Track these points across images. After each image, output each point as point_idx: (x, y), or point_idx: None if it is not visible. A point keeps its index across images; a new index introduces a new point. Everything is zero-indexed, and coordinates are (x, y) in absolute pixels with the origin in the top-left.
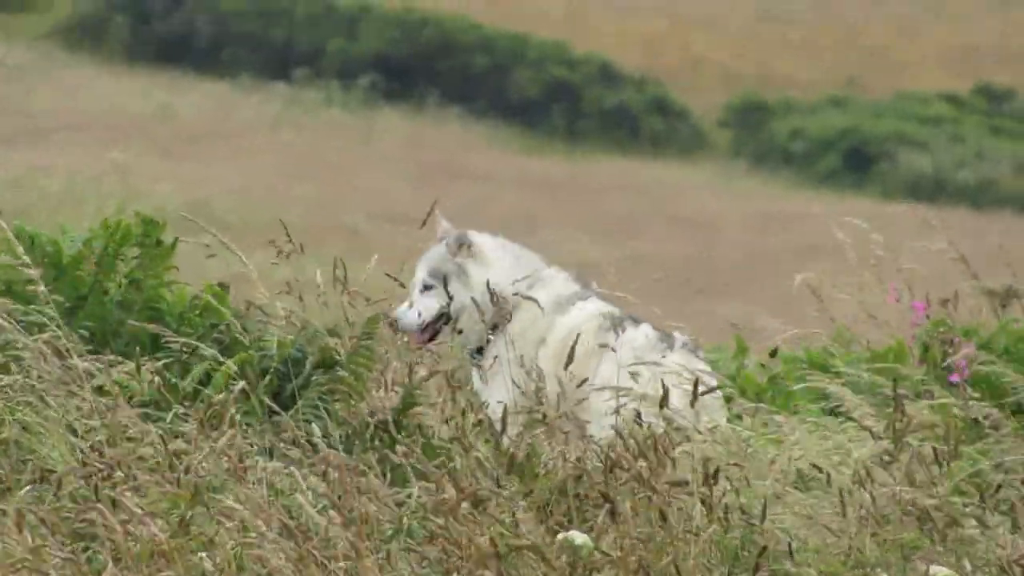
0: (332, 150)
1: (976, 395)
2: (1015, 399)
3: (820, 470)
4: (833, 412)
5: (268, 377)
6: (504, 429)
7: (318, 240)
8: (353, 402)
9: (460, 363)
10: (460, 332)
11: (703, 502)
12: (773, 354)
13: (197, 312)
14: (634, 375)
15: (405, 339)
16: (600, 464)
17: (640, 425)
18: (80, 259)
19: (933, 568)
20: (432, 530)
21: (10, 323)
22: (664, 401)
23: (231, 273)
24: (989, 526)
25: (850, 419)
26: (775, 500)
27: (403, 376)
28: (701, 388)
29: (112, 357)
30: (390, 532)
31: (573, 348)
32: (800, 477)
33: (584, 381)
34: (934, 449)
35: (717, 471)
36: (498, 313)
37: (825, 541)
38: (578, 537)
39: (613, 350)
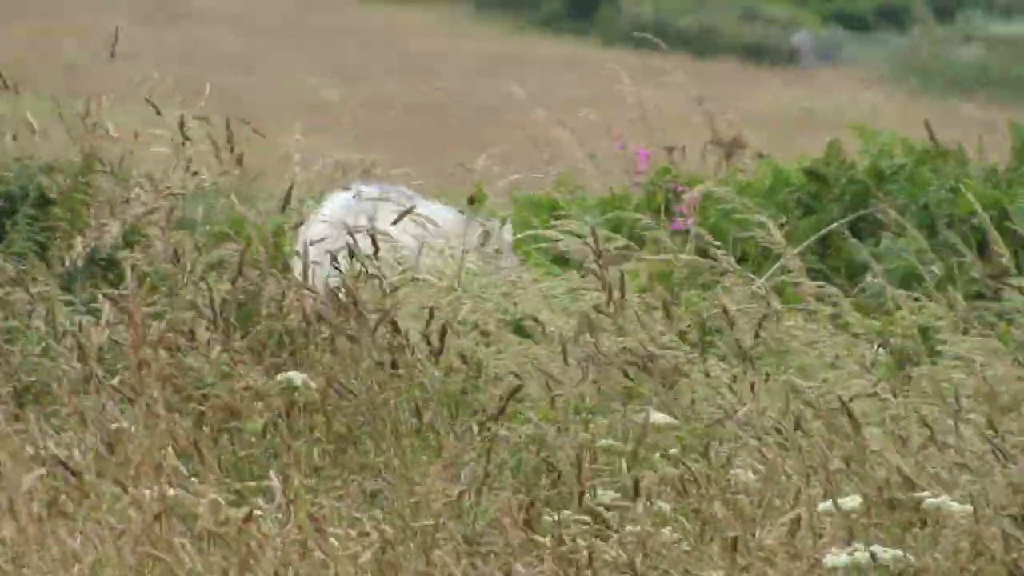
0: None
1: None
2: (740, 247)
3: (536, 320)
4: (561, 259)
5: None
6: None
7: (35, 78)
8: (71, 241)
9: (178, 202)
10: None
11: (427, 344)
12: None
13: None
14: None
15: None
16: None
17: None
18: None
19: (653, 415)
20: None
21: None
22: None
23: None
24: (711, 375)
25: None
26: (494, 345)
27: (121, 213)
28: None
29: None
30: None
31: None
32: (519, 326)
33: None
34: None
35: (432, 313)
36: None
37: (548, 389)
38: (297, 378)
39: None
